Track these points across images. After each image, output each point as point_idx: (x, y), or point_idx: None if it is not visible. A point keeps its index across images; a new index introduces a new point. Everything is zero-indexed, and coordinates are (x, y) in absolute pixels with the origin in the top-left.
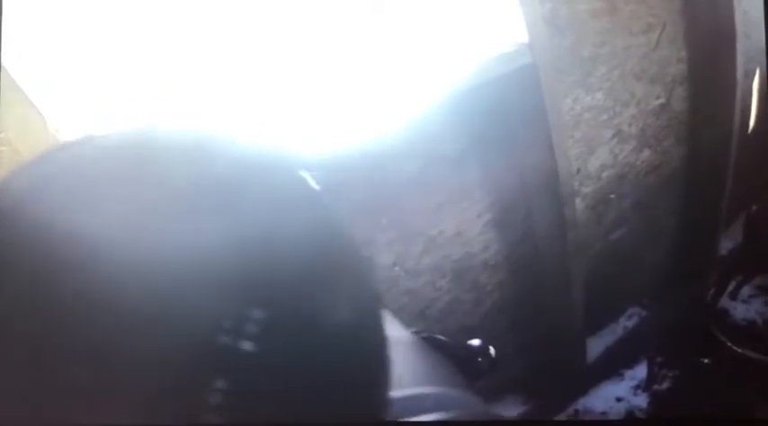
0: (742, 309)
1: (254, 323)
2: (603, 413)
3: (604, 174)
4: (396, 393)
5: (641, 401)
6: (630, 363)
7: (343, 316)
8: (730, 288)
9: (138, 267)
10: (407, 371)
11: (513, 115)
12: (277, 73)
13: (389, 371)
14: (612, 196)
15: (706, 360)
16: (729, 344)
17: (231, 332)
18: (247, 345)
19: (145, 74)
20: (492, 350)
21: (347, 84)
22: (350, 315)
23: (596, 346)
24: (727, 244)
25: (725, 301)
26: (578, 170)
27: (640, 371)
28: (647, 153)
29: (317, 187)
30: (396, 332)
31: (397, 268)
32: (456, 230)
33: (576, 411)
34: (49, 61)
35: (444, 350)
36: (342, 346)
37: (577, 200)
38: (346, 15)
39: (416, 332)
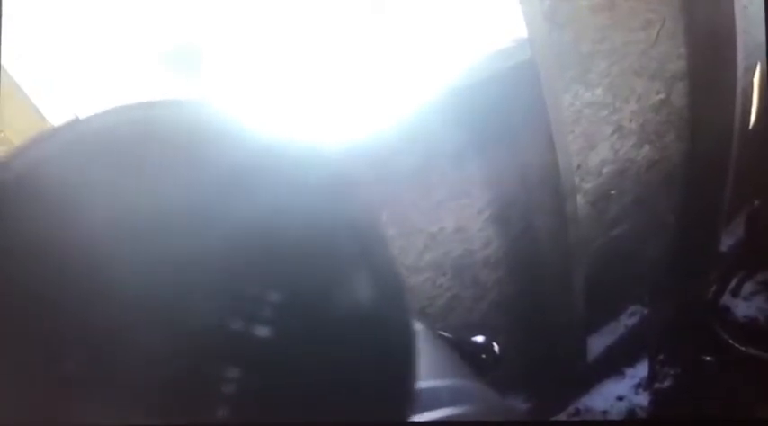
0: (744, 306)
1: (269, 307)
2: (604, 412)
3: (605, 170)
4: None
5: (642, 399)
6: (631, 361)
7: (367, 303)
8: (732, 285)
9: (144, 251)
10: (423, 363)
11: (512, 111)
12: (277, 71)
13: (415, 362)
14: (613, 192)
15: (708, 358)
16: (731, 342)
17: (245, 317)
18: (262, 331)
19: (145, 73)
20: (496, 347)
21: (347, 81)
22: (374, 302)
23: (597, 344)
24: (728, 241)
25: (726, 298)
26: (578, 166)
27: (641, 369)
28: (647, 148)
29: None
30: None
31: None
32: (456, 227)
33: (577, 409)
34: (49, 61)
35: (448, 346)
36: (364, 334)
37: (578, 196)
38: (346, 13)
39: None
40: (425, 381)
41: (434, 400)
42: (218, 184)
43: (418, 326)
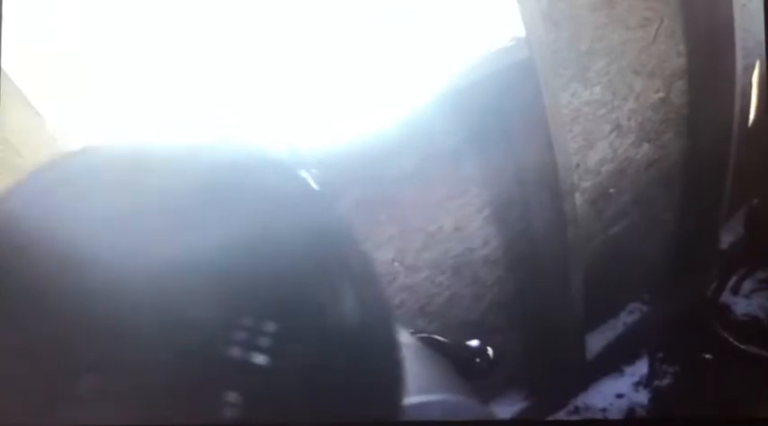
0: (743, 304)
1: (266, 336)
2: (604, 410)
3: (603, 169)
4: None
5: (642, 397)
6: (631, 359)
7: (355, 323)
8: (731, 282)
9: (144, 278)
10: (411, 378)
11: (511, 110)
12: (275, 70)
13: (404, 378)
14: (612, 190)
15: (707, 356)
16: (731, 340)
17: (243, 345)
18: (260, 358)
19: (144, 74)
20: (490, 351)
21: (345, 80)
22: (361, 321)
23: (596, 342)
24: (727, 238)
25: (726, 296)
26: (577, 164)
27: (641, 367)
28: (646, 147)
29: (316, 187)
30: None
31: (396, 264)
32: (455, 225)
33: (576, 407)
34: (49, 62)
35: (442, 350)
36: (355, 355)
37: (577, 195)
38: (344, 12)
39: (414, 333)
40: (413, 396)
41: (423, 416)
42: (212, 209)
43: (406, 340)
